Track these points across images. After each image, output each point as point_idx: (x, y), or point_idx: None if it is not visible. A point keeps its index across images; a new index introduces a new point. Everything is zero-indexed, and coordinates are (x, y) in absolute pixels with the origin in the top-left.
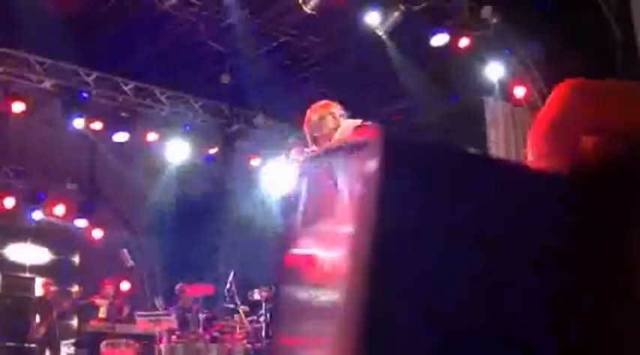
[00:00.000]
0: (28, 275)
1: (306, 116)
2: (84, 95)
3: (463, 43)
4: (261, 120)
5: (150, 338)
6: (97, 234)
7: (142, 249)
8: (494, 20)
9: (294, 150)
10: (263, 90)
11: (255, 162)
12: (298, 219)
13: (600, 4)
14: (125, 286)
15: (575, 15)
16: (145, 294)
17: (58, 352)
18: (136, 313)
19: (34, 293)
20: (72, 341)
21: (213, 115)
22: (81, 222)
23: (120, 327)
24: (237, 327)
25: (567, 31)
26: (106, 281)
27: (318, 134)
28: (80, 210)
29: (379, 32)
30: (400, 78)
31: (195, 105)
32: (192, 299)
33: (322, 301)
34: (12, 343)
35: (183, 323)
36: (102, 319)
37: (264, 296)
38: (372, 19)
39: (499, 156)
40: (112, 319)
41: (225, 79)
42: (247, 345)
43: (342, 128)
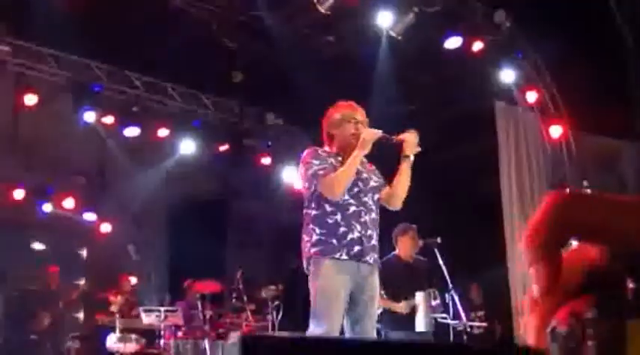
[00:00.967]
0: (34, 266)
1: (329, 112)
2: (96, 89)
3: (476, 46)
4: (272, 119)
5: (155, 333)
6: (105, 228)
7: (149, 245)
8: (507, 24)
9: (307, 152)
10: (274, 89)
11: (266, 160)
12: None
13: (613, 10)
14: (132, 281)
15: (588, 20)
16: (151, 290)
17: (62, 344)
18: (142, 308)
19: (40, 284)
20: (77, 334)
21: (224, 113)
22: (89, 216)
23: (126, 322)
24: (244, 325)
25: (580, 37)
26: (124, 276)
27: (335, 133)
28: (89, 203)
29: (392, 33)
30: (411, 79)
31: (206, 102)
32: (199, 296)
33: None
34: (15, 334)
35: (189, 319)
36: (110, 313)
37: (271, 294)
38: (385, 20)
39: (510, 160)
40: (122, 314)
41: (237, 77)
42: None
43: (362, 137)
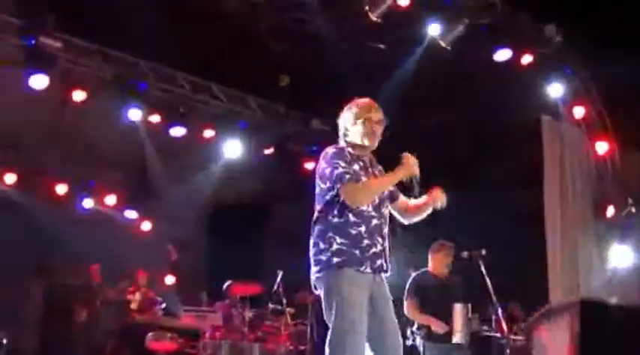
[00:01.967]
0: (76, 262)
1: (346, 107)
2: (142, 87)
3: (525, 59)
4: (317, 124)
5: (194, 333)
6: (145, 226)
7: (190, 245)
8: (557, 39)
9: (333, 150)
10: (321, 95)
11: (309, 165)
12: None
13: None
14: (170, 280)
15: (638, 37)
16: (190, 290)
17: (98, 340)
18: (182, 308)
19: (80, 280)
20: (113, 330)
21: (270, 115)
22: (131, 214)
23: (165, 321)
24: (282, 328)
25: (630, 54)
26: (141, 272)
27: (349, 129)
28: (130, 201)
29: (442, 44)
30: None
31: (253, 104)
32: (239, 298)
33: None
34: (52, 327)
35: (229, 320)
36: (136, 311)
37: (311, 299)
38: (435, 31)
39: (554, 174)
40: (145, 311)
41: (284, 81)
42: (290, 347)
43: (404, 169)
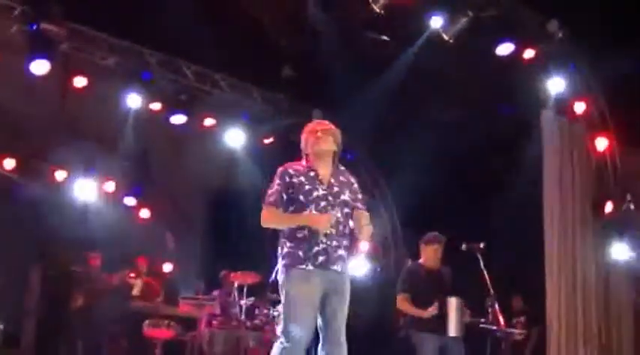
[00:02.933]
0: (74, 248)
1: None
2: (145, 76)
3: (528, 54)
4: (318, 116)
5: (191, 321)
6: (144, 213)
7: (188, 233)
8: (560, 34)
9: (280, 169)
10: (323, 87)
11: None
12: None
13: None
14: (167, 268)
15: None
16: (187, 278)
17: (97, 327)
18: (180, 296)
19: (79, 266)
20: (112, 317)
21: (272, 106)
22: (129, 201)
23: (162, 308)
24: (279, 318)
25: (634, 53)
26: (140, 259)
27: (306, 151)
28: (130, 188)
29: (444, 36)
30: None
31: (255, 94)
32: (235, 287)
33: None
34: (51, 313)
35: (225, 309)
36: (137, 297)
37: None
38: (438, 23)
39: (553, 169)
40: (147, 298)
41: (287, 72)
42: None
43: (316, 220)
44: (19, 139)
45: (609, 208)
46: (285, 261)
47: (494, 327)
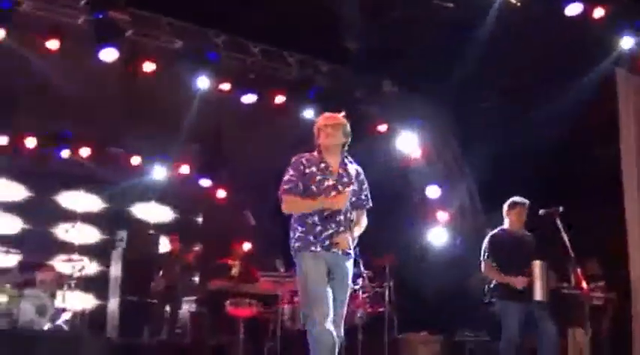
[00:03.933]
0: (152, 232)
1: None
2: (212, 56)
3: (597, 13)
4: (387, 86)
5: (272, 298)
6: (220, 194)
7: (265, 211)
8: None
9: (293, 159)
10: (390, 57)
11: (382, 127)
12: None
13: None
14: (247, 246)
15: None
16: (267, 255)
17: (179, 308)
18: (259, 273)
19: (158, 249)
20: (194, 298)
21: (340, 80)
22: (205, 182)
23: (243, 286)
24: (360, 291)
25: None
26: (237, 243)
27: (317, 142)
28: (204, 170)
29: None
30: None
31: (323, 69)
32: None
33: None
34: (134, 297)
35: None
36: (230, 277)
37: (389, 261)
38: None
39: (630, 128)
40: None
41: (353, 44)
42: (369, 310)
43: (334, 201)
44: (93, 127)
45: None
46: (298, 245)
47: (577, 292)
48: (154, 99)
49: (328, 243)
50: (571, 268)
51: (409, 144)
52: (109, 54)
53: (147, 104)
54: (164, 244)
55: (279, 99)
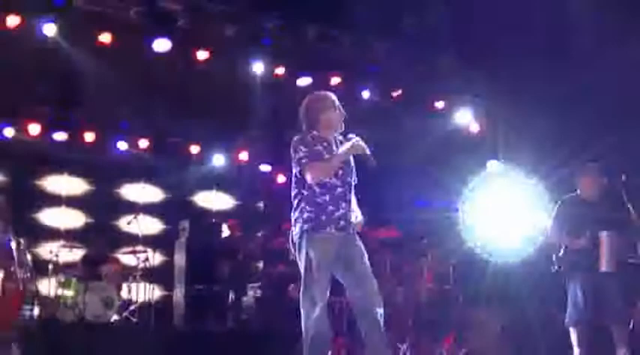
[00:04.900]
0: (214, 220)
1: (310, 101)
2: (265, 41)
3: None
4: (446, 63)
5: (336, 281)
6: (280, 179)
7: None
8: None
9: (297, 138)
10: (446, 32)
11: (439, 104)
12: None
13: None
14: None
15: None
16: None
17: (244, 294)
18: None
19: (221, 237)
20: (258, 284)
21: (395, 58)
22: (265, 168)
23: None
24: (425, 270)
25: None
26: (288, 225)
27: (322, 117)
28: (264, 155)
29: None
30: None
31: (377, 48)
32: (377, 242)
33: None
34: (199, 286)
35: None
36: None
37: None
38: None
39: None
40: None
41: (408, 21)
42: (434, 287)
43: (355, 144)
44: (150, 119)
45: None
46: (307, 226)
47: None
48: (209, 87)
49: (342, 224)
50: (638, 238)
51: (467, 120)
52: (162, 44)
53: (203, 92)
54: (226, 231)
55: (335, 80)
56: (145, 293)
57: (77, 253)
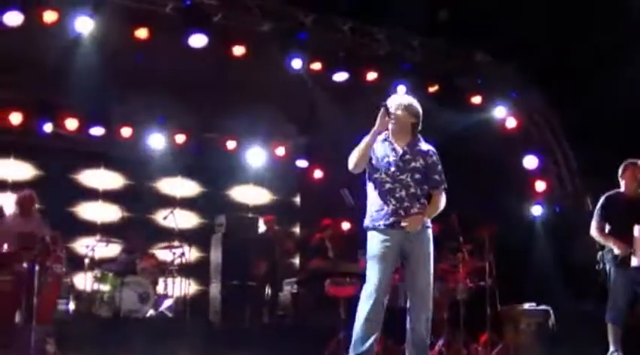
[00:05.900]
0: (251, 215)
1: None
2: (302, 36)
3: None
4: (481, 57)
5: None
6: (317, 174)
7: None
8: None
9: None
10: (482, 26)
11: (476, 99)
12: None
13: None
14: (346, 226)
15: None
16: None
17: (280, 290)
18: (359, 251)
19: (257, 232)
20: (294, 279)
21: (432, 53)
22: (302, 163)
23: (342, 266)
24: (460, 266)
25: None
26: (325, 220)
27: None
28: (301, 150)
29: None
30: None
31: (413, 43)
32: None
33: None
34: (235, 281)
35: None
36: (327, 257)
37: (488, 234)
38: None
39: None
40: (339, 257)
41: (444, 16)
42: (470, 284)
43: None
44: (187, 114)
45: None
46: (366, 223)
47: None
48: (246, 82)
49: (393, 220)
50: None
51: (504, 115)
52: (198, 40)
53: (239, 88)
54: (262, 226)
55: (371, 75)
56: (181, 288)
57: (113, 248)
